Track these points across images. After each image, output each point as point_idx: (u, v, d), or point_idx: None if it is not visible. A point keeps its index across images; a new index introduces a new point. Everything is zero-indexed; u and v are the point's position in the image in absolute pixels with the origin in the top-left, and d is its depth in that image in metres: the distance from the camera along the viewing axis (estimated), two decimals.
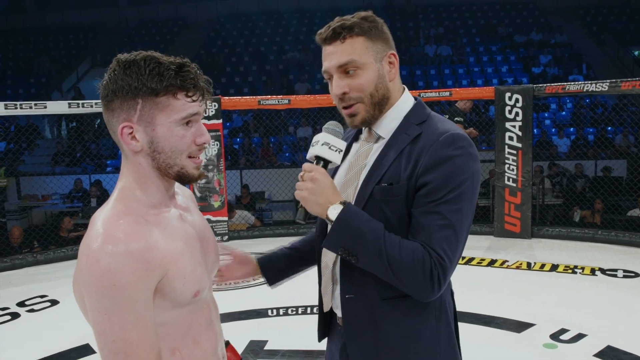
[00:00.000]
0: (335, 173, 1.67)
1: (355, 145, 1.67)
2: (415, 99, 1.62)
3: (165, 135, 1.21)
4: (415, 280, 1.40)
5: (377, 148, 1.57)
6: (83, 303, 1.19)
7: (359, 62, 1.50)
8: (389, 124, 1.57)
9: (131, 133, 1.21)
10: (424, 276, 1.39)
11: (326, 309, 1.66)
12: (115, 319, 1.10)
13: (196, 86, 1.22)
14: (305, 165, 1.48)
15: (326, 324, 1.73)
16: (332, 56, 1.52)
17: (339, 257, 1.56)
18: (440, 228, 1.41)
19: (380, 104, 1.54)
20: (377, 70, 1.52)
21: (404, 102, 1.59)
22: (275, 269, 1.85)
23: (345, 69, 1.51)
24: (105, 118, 1.25)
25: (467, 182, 1.44)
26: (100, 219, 1.17)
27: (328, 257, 1.62)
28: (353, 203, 1.53)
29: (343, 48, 1.50)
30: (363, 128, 1.64)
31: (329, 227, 1.46)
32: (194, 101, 1.23)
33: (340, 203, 1.44)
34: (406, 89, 1.63)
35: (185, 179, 1.27)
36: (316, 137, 1.52)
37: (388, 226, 1.46)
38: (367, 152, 1.59)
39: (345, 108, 1.55)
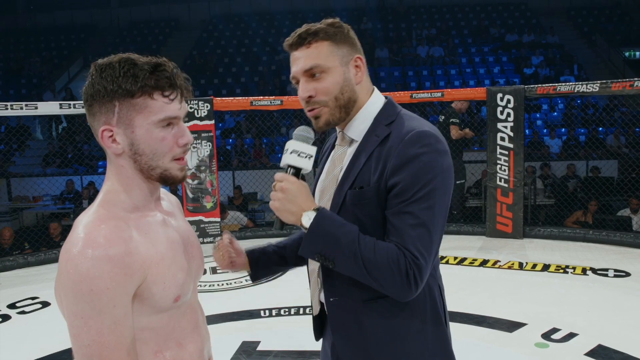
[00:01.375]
0: (317, 179, 1.68)
1: (333, 151, 1.68)
2: (386, 98, 1.63)
3: (144, 137, 1.20)
4: (392, 281, 1.40)
5: (351, 152, 1.58)
6: (62, 304, 1.19)
7: (324, 65, 1.51)
8: (359, 126, 1.57)
9: (111, 136, 1.21)
10: (400, 276, 1.40)
11: (314, 312, 1.69)
12: (92, 323, 1.10)
13: (173, 85, 1.21)
14: (277, 175, 1.49)
15: (321, 324, 1.74)
16: (298, 61, 1.54)
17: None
18: (413, 227, 1.41)
19: (346, 106, 1.55)
20: (342, 73, 1.53)
21: (374, 103, 1.59)
22: (261, 266, 1.83)
23: (311, 73, 1.52)
24: (89, 122, 1.24)
25: (437, 179, 1.44)
26: (82, 223, 1.17)
27: (312, 264, 1.64)
28: (329, 209, 1.54)
29: (309, 53, 1.52)
30: (338, 132, 1.65)
31: (304, 234, 1.47)
32: (171, 100, 1.21)
33: (314, 210, 1.45)
34: (376, 89, 1.63)
35: (169, 181, 1.26)
36: (287, 145, 1.52)
37: (362, 229, 1.46)
38: (341, 157, 1.60)
39: (309, 110, 1.56)
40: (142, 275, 1.17)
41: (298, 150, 1.50)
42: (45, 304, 5.07)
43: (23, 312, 4.93)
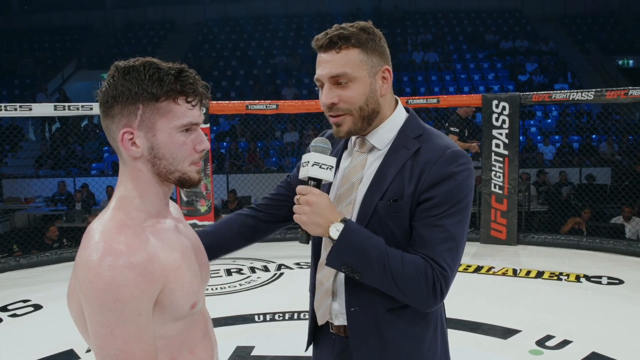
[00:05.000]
0: (329, 185, 1.67)
1: (346, 155, 1.67)
2: (408, 110, 1.63)
3: (165, 141, 1.21)
4: (419, 293, 1.43)
5: (373, 159, 1.58)
6: (79, 315, 1.17)
7: (352, 75, 1.49)
8: (384, 135, 1.57)
9: (132, 139, 1.20)
10: (427, 288, 1.43)
11: (321, 322, 1.66)
12: (117, 332, 1.09)
13: (195, 91, 1.22)
14: (299, 188, 1.48)
15: (315, 334, 1.74)
16: (325, 65, 1.51)
17: (338, 272, 1.57)
18: (442, 241, 1.45)
19: (369, 117, 1.54)
20: (369, 84, 1.51)
21: (399, 114, 1.60)
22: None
23: (337, 80, 1.50)
24: (103, 124, 1.23)
25: (468, 197, 1.50)
26: (99, 230, 1.15)
27: (323, 273, 1.62)
28: (354, 217, 1.54)
29: (337, 58, 1.49)
30: (355, 137, 1.63)
31: (331, 245, 1.47)
32: (193, 107, 1.23)
33: (341, 221, 1.45)
34: (399, 100, 1.63)
35: (186, 184, 1.27)
36: (305, 157, 1.52)
37: (394, 241, 1.48)
38: (362, 164, 1.59)
39: (332, 116, 1.55)
40: (163, 282, 1.16)
41: (319, 162, 1.50)
42: (37, 307, 5.03)
43: (15, 315, 4.88)
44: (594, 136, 12.17)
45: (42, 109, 6.98)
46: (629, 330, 4.27)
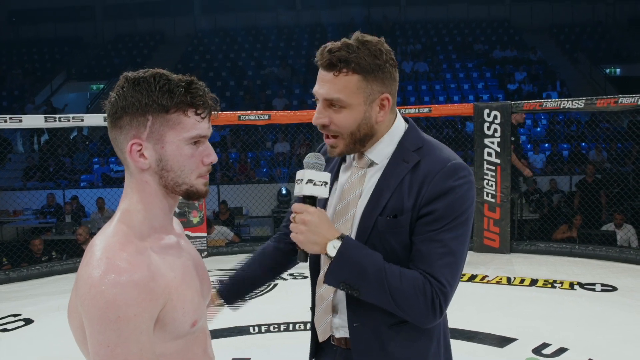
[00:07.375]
0: (326, 201, 1.64)
1: (344, 169, 1.65)
2: (407, 121, 1.60)
3: (174, 153, 1.20)
4: (418, 309, 1.41)
5: (372, 174, 1.55)
6: (79, 331, 1.15)
7: (346, 101, 1.46)
8: (383, 149, 1.55)
9: (140, 150, 1.19)
10: (426, 304, 1.41)
11: (322, 339, 1.64)
12: (119, 351, 1.07)
13: (205, 104, 1.22)
14: (295, 207, 1.47)
15: (316, 347, 1.72)
16: (322, 84, 1.48)
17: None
18: (441, 256, 1.43)
19: (361, 141, 1.52)
20: (363, 112, 1.48)
21: (397, 127, 1.57)
22: (235, 295, 1.90)
23: (330, 103, 1.48)
24: (111, 135, 1.22)
25: (468, 210, 1.47)
26: (101, 246, 1.14)
27: (323, 289, 1.60)
28: (353, 234, 1.52)
29: (335, 82, 1.46)
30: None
31: (329, 263, 1.45)
32: (202, 119, 1.22)
33: (338, 238, 1.43)
34: (398, 112, 1.60)
35: (193, 196, 1.26)
36: (299, 174, 1.49)
37: (394, 256, 1.46)
38: (360, 179, 1.56)
39: (325, 137, 1.54)
40: (164, 299, 1.15)
41: (313, 180, 1.48)
42: (28, 321, 4.95)
43: (5, 330, 4.80)
44: (583, 144, 12.26)
45: (33, 121, 6.93)
46: (624, 337, 4.28)
